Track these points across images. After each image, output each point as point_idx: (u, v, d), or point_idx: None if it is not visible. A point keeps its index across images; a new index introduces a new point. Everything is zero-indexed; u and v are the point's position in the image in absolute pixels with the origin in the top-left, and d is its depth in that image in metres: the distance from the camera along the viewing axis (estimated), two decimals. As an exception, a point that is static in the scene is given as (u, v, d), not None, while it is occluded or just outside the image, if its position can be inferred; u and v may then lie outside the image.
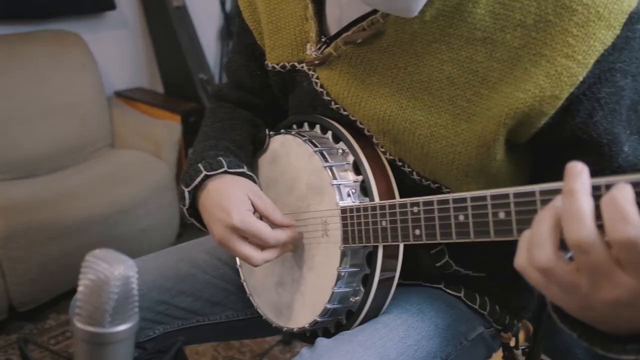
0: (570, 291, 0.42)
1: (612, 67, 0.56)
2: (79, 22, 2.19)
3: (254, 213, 0.71)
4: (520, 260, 0.43)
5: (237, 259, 0.84)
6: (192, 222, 0.78)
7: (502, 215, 0.49)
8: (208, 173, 0.73)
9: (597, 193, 0.40)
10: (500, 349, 0.83)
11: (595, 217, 0.39)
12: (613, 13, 0.55)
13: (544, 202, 0.45)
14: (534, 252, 0.41)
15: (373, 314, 0.70)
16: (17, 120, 1.90)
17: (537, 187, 0.45)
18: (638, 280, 0.38)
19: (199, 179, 0.73)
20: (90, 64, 2.12)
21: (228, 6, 2.59)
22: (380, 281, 0.67)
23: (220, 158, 0.74)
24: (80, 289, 0.46)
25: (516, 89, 0.57)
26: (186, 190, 0.74)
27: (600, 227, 0.39)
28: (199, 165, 0.74)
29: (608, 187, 0.40)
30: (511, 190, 0.47)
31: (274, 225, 0.72)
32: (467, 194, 0.53)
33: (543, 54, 0.56)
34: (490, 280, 0.77)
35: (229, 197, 0.70)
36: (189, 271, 0.87)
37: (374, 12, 0.64)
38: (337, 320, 0.73)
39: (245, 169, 0.75)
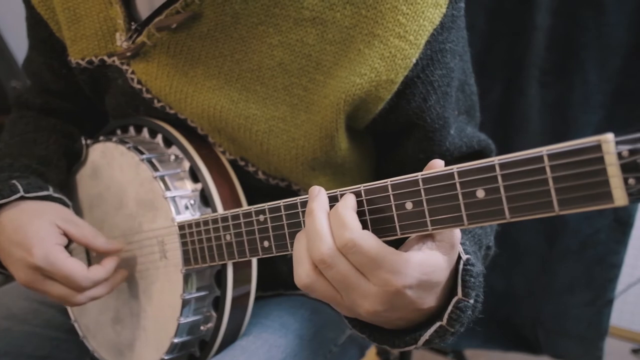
0: (335, 304, 0.42)
1: (442, 48, 0.55)
2: None
3: (69, 244, 0.59)
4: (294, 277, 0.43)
5: None
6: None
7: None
8: None
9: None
10: (373, 344, 0.80)
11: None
12: None
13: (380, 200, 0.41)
14: (296, 269, 0.42)
15: (230, 339, 0.62)
16: None
17: (389, 181, 0.41)
18: (379, 287, 0.39)
19: None
20: None
21: (39, 1, 2.28)
22: (234, 300, 0.59)
23: (14, 181, 0.60)
24: None
25: (352, 73, 0.53)
26: None
27: None
28: None
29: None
30: (362, 187, 0.43)
31: (99, 253, 0.60)
32: None
33: (375, 34, 0.53)
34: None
35: (29, 229, 0.57)
36: (2, 325, 0.71)
37: None
38: (190, 353, 0.63)
39: (50, 191, 0.62)
